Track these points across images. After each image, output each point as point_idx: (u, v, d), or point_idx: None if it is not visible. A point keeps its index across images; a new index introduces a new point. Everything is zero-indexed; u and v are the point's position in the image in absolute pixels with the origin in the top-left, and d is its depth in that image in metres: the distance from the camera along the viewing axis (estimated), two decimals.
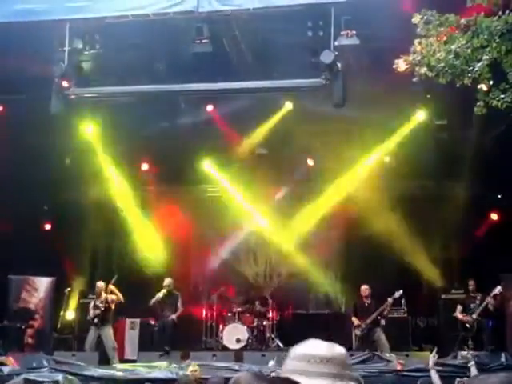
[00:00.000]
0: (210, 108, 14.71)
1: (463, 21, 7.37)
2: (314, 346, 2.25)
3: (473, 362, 8.64)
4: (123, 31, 10.54)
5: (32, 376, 10.44)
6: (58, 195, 16.67)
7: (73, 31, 10.41)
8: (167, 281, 14.16)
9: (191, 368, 9.28)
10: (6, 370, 11.04)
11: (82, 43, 10.76)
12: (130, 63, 11.45)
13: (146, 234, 16.38)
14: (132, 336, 15.16)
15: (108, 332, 13.44)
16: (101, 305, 13.44)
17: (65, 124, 13.23)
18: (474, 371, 8.42)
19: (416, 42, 7.59)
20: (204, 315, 15.55)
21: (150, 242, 16.31)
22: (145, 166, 16.79)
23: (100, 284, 13.84)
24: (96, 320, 13.37)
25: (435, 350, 8.73)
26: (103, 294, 13.57)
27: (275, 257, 17.20)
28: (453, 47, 7.25)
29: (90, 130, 15.00)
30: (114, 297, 13.56)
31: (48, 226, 17.09)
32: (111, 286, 13.58)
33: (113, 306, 13.59)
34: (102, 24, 10.41)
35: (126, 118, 14.07)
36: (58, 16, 10.17)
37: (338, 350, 2.26)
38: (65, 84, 10.64)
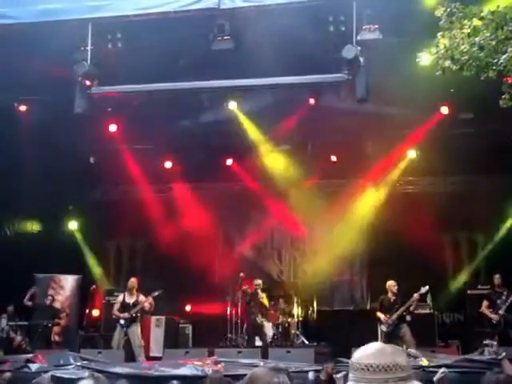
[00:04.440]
0: (232, 105, 14.71)
1: (487, 12, 7.28)
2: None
3: (504, 354, 8.44)
4: (145, 29, 10.57)
5: (59, 373, 10.53)
6: (82, 194, 16.80)
7: (95, 30, 10.44)
8: (258, 281, 14.34)
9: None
10: (33, 367, 11.16)
11: (104, 42, 10.80)
12: (153, 61, 11.46)
13: (170, 232, 16.41)
14: (157, 333, 15.22)
15: (136, 330, 13.46)
16: (132, 309, 13.45)
17: (88, 123, 13.29)
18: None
19: (439, 34, 7.50)
20: (229, 312, 15.57)
21: (174, 240, 16.36)
22: (168, 164, 16.85)
23: (133, 280, 13.88)
24: (123, 322, 13.41)
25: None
26: (140, 297, 13.60)
27: (299, 254, 17.18)
28: (477, 39, 7.15)
29: (113, 129, 15.07)
30: (148, 306, 13.63)
31: (73, 224, 17.22)
32: (150, 299, 13.61)
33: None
34: (123, 22, 10.43)
35: (149, 116, 14.12)
36: (80, 15, 10.21)
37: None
38: (88, 83, 10.69)
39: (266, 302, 14.28)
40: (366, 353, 2.30)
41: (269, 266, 17.13)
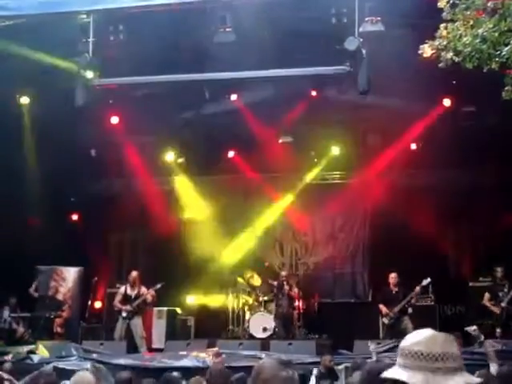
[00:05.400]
0: (234, 97, 14.68)
1: (490, 4, 7.23)
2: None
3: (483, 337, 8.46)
4: (147, 21, 10.53)
5: (61, 364, 10.57)
6: (84, 186, 16.81)
7: (97, 22, 10.43)
8: (284, 273, 15.04)
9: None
10: (35, 358, 11.20)
11: (106, 34, 10.78)
12: (154, 53, 11.45)
13: (171, 224, 16.41)
14: (159, 325, 15.25)
15: (138, 322, 13.57)
16: (134, 301, 13.55)
17: (90, 115, 13.27)
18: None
19: (442, 26, 7.47)
20: (230, 304, 15.60)
21: (175, 232, 16.35)
22: (170, 156, 16.84)
23: (134, 273, 13.93)
24: (125, 314, 13.47)
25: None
26: (142, 289, 13.70)
27: (301, 246, 17.18)
28: (480, 31, 7.12)
29: (114, 121, 15.05)
30: (150, 299, 13.69)
31: (75, 217, 17.25)
32: (152, 291, 13.68)
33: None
34: (125, 14, 10.42)
35: (150, 109, 14.10)
36: (82, 7, 10.20)
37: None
38: (89, 75, 10.68)
39: (292, 293, 14.41)
40: (418, 339, 2.39)
41: (270, 258, 17.11)
